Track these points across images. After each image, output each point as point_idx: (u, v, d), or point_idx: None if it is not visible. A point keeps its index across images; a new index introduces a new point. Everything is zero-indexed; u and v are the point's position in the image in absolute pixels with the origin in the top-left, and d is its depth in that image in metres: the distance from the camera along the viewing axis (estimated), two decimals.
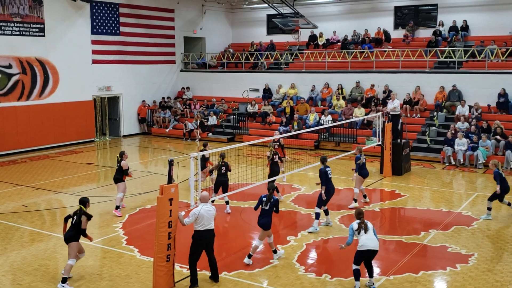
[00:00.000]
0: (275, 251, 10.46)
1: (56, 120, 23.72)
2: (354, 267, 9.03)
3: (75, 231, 9.51)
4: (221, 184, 13.56)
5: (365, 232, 8.94)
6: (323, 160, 12.38)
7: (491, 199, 13.13)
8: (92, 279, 9.55)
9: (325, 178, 12.15)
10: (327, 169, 12.23)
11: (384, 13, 28.17)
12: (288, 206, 14.26)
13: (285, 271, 9.85)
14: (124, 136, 27.24)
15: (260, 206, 10.28)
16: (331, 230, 12.21)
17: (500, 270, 9.84)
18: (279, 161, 14.69)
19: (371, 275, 9.15)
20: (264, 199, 10.25)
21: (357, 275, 9.01)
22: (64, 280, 9.26)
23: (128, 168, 13.76)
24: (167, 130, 27.06)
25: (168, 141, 25.88)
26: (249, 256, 10.19)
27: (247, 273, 9.77)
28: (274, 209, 10.26)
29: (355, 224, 9.09)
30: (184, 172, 16.04)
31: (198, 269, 9.86)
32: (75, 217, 9.60)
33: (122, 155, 13.84)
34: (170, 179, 8.95)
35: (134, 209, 13.94)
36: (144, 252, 10.82)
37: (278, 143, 16.57)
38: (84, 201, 9.81)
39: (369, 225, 9.07)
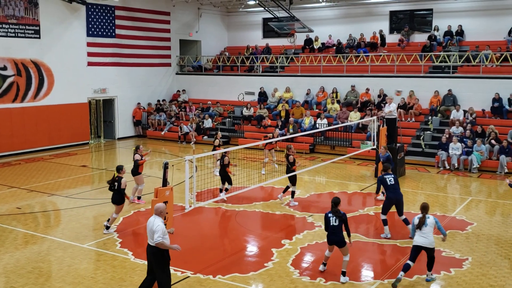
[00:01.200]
0: (343, 273, 9.61)
1: (51, 122, 23.65)
2: (408, 261, 9.36)
3: (120, 194, 11.99)
4: (221, 176, 14.68)
5: (420, 228, 9.27)
6: (385, 168, 12.17)
7: None
8: (85, 282, 9.52)
9: (380, 185, 12.05)
10: (384, 176, 11.93)
11: (379, 18, 28.26)
12: (283, 210, 14.26)
13: (279, 275, 9.84)
14: (119, 139, 27.18)
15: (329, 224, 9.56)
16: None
17: (494, 275, 9.87)
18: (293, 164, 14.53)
19: (429, 269, 9.52)
20: (330, 215, 9.57)
21: (405, 268, 9.31)
22: (107, 227, 12.18)
23: (142, 157, 14.69)
24: (163, 133, 27.03)
25: (163, 144, 25.84)
26: (343, 274, 9.59)
27: (241, 276, 9.76)
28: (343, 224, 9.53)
29: (416, 219, 9.43)
30: (179, 175, 16.02)
31: (191, 272, 9.87)
32: (115, 183, 11.98)
33: (137, 149, 14.80)
34: (165, 182, 8.93)
35: (128, 212, 13.90)
36: (138, 255, 10.77)
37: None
38: (119, 168, 12.14)
39: (429, 221, 9.34)
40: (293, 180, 14.50)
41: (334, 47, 28.02)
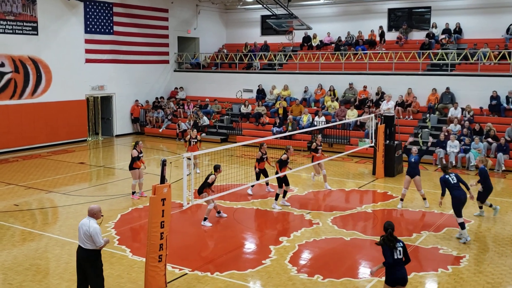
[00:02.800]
0: None
1: (49, 119, 23.60)
2: None
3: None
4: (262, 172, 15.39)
5: None
6: (444, 169, 11.94)
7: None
8: None
9: (445, 186, 11.67)
10: (446, 176, 11.67)
11: (377, 15, 28.25)
12: (280, 207, 14.26)
13: (277, 272, 9.85)
14: (117, 136, 27.15)
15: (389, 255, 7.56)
16: (324, 231, 12.23)
17: (491, 272, 9.89)
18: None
19: None
20: (396, 244, 7.53)
21: None
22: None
23: (138, 155, 14.79)
24: (160, 130, 27.01)
25: (161, 141, 25.82)
26: None
27: (239, 273, 9.76)
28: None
29: None
30: (177, 172, 16.02)
31: (189, 269, 9.86)
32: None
33: (136, 145, 14.98)
34: (162, 179, 8.92)
35: (126, 209, 13.90)
36: (136, 252, 10.78)
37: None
38: (216, 167, 12.68)
39: None
40: (281, 181, 14.25)
41: (333, 45, 28.02)
